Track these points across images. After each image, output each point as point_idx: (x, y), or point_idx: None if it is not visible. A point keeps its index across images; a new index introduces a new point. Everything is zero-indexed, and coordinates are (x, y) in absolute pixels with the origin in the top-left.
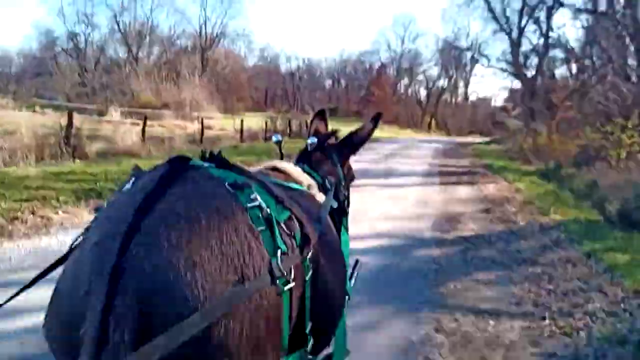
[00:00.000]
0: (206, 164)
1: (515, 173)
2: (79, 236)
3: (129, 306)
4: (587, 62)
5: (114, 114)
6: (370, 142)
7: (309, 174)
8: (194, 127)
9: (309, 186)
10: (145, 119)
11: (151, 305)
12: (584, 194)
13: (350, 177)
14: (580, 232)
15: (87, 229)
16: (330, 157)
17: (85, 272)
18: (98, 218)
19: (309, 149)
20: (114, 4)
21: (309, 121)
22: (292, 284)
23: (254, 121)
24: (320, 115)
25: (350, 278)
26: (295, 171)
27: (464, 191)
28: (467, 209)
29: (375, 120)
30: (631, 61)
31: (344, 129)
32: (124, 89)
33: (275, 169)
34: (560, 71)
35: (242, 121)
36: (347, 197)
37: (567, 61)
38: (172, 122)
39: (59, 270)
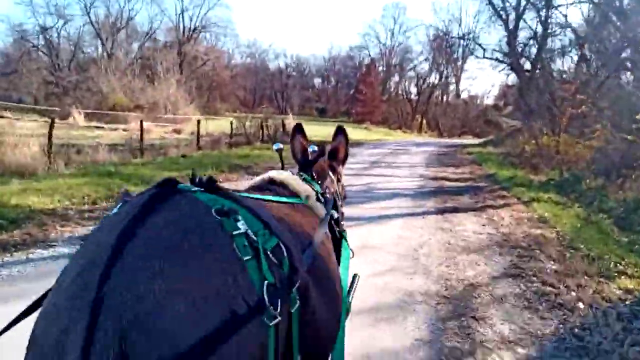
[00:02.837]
0: (194, 188)
1: (528, 188)
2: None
3: (109, 343)
4: (597, 46)
5: (77, 117)
6: (353, 146)
7: (308, 183)
8: (163, 130)
9: (307, 197)
10: (53, 122)
11: (131, 341)
12: (629, 222)
13: (343, 195)
14: None
15: (74, 255)
16: (327, 170)
17: (66, 305)
18: (83, 245)
19: (309, 157)
20: None
21: (287, 123)
22: (278, 319)
23: (247, 123)
24: (299, 129)
25: (348, 294)
26: (294, 182)
27: (471, 226)
28: (483, 271)
29: (340, 133)
30: None
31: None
32: (92, 88)
33: (272, 181)
34: (558, 65)
35: (198, 122)
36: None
37: (576, 47)
38: (138, 126)
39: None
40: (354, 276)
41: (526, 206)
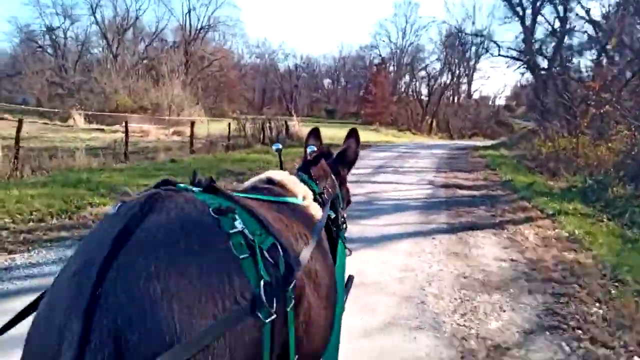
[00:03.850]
0: (193, 188)
1: (549, 197)
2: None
3: (103, 343)
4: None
5: (77, 119)
6: (360, 149)
7: (306, 183)
8: (163, 132)
9: (304, 197)
10: (20, 122)
11: (126, 341)
12: None
13: (347, 200)
14: None
15: (72, 255)
16: (329, 172)
17: (62, 305)
18: (81, 245)
19: (308, 157)
20: None
21: (291, 125)
22: (274, 316)
23: (247, 125)
24: (315, 133)
25: (345, 293)
26: (291, 182)
27: (490, 249)
28: (511, 322)
29: (352, 135)
30: None
31: (343, 133)
32: (95, 90)
33: (270, 180)
34: (576, 64)
35: (192, 124)
36: (345, 224)
37: (597, 43)
38: (141, 128)
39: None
40: (349, 278)
41: (552, 221)
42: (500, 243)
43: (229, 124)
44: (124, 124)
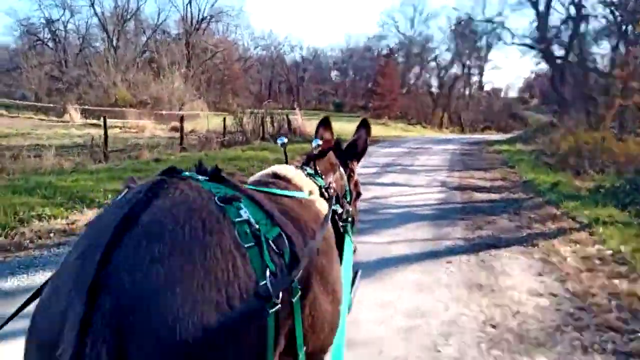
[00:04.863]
0: (199, 177)
1: (578, 201)
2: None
3: (105, 324)
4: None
5: (73, 114)
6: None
7: (312, 178)
8: (162, 128)
9: (310, 192)
10: None
11: (129, 323)
12: None
13: (357, 192)
14: None
15: (77, 239)
16: (336, 165)
17: (65, 287)
18: (86, 229)
19: (314, 151)
20: None
21: (293, 119)
22: (278, 306)
23: (245, 120)
24: (325, 123)
25: (350, 290)
26: (296, 176)
27: (521, 277)
28: None
29: (364, 126)
30: None
31: (350, 127)
32: (94, 84)
33: (275, 174)
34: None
35: (181, 119)
36: (354, 217)
37: (619, 26)
38: (138, 123)
39: None
40: (356, 272)
41: (589, 233)
42: (533, 267)
43: (224, 118)
44: (118, 118)
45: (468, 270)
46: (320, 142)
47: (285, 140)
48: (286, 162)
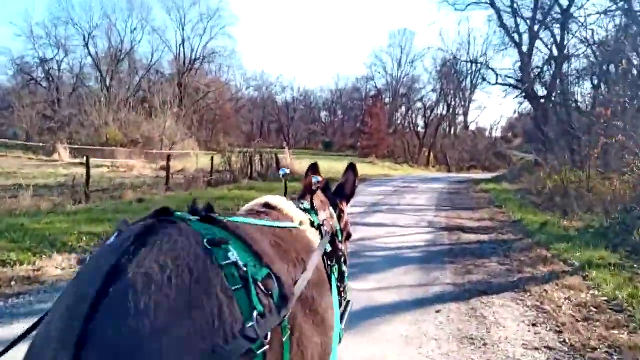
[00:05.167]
0: (189, 217)
1: (569, 242)
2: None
3: None
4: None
5: (62, 153)
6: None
7: (305, 210)
8: (152, 167)
9: (300, 222)
10: None
11: None
12: None
13: (347, 233)
14: None
15: (67, 286)
16: (326, 204)
17: (53, 339)
18: (77, 275)
19: (312, 187)
20: (84, 23)
21: (282, 158)
22: (266, 347)
23: (233, 158)
24: (313, 169)
25: (341, 321)
26: (287, 207)
27: (514, 328)
28: None
29: (351, 169)
30: None
31: (339, 166)
32: (84, 123)
33: (267, 205)
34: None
35: (168, 158)
36: (345, 257)
37: (599, 66)
38: (128, 162)
39: None
40: (347, 302)
41: (582, 277)
42: (526, 316)
43: (212, 157)
44: (108, 158)
45: (458, 320)
46: (321, 179)
47: (288, 171)
48: (285, 194)
